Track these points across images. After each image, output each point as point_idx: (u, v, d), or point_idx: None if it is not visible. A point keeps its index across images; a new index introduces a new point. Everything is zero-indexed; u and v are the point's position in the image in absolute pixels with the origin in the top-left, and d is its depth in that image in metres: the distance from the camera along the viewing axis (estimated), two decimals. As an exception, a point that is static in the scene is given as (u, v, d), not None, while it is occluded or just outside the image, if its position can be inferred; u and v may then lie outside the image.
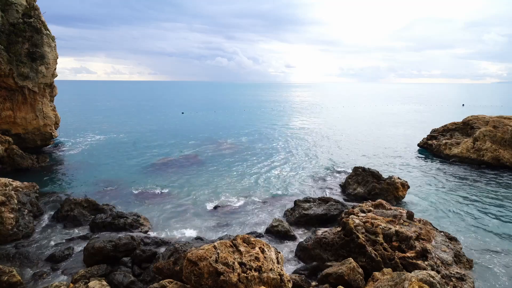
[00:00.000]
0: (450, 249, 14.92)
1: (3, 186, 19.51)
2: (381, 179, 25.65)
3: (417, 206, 23.21)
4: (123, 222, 19.40)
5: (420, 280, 10.89)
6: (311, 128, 60.80)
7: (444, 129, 42.47)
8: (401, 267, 13.40)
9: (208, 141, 46.78)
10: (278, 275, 11.42)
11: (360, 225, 15.30)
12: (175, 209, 22.71)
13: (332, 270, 13.13)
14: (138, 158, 36.64)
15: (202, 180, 28.96)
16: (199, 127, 61.85)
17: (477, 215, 21.78)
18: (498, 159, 32.87)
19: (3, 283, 13.00)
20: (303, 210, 21.00)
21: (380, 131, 57.72)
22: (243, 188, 26.98)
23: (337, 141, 47.64)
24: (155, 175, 30.39)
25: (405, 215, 16.86)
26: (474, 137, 35.34)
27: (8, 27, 32.42)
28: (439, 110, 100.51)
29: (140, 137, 49.80)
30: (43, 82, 35.43)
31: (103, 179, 28.97)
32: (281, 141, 47.57)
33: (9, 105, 34.01)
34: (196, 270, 10.88)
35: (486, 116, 39.79)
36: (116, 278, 13.73)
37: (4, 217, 17.62)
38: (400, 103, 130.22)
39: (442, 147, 38.42)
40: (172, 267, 12.97)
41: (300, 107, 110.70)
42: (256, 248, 11.96)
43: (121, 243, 16.02)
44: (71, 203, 21.20)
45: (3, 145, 30.35)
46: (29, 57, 33.73)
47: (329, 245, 15.30)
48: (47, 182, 27.76)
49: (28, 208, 19.93)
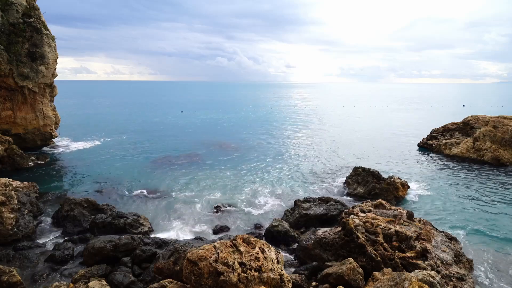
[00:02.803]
0: (450, 249, 14.92)
1: (3, 186, 19.50)
2: (381, 179, 25.66)
3: (417, 206, 23.21)
4: (123, 222, 19.39)
5: (420, 280, 10.89)
6: (311, 128, 60.81)
7: (444, 129, 42.48)
8: (401, 267, 13.39)
9: (208, 141, 46.79)
10: (278, 275, 11.42)
11: (360, 225, 15.29)
12: (175, 209, 22.72)
13: (332, 270, 13.12)
14: (138, 158, 36.65)
15: (202, 180, 28.95)
16: (199, 126, 61.86)
17: (477, 215, 21.78)
18: (498, 159, 32.87)
19: (3, 283, 13.00)
20: (303, 210, 21.00)
21: (380, 131, 57.71)
22: (243, 188, 26.98)
23: (337, 141, 47.65)
24: (155, 175, 30.39)
25: (405, 215, 16.86)
26: (474, 137, 35.34)
27: (8, 27, 32.43)
28: (439, 110, 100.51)
29: (140, 137, 49.81)
30: (43, 82, 35.43)
31: (103, 179, 28.97)
32: (281, 141, 47.58)
33: (9, 105, 34.02)
34: (196, 270, 10.87)
35: (486, 116, 39.78)
36: (116, 278, 13.73)
37: (4, 217, 17.62)
38: (400, 103, 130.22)
39: (442, 147, 38.43)
40: (172, 267, 12.96)
41: (300, 107, 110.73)
42: (256, 248, 11.95)
43: (121, 243, 16.02)
44: (71, 203, 21.20)
45: (3, 145, 30.36)
46: (29, 57, 33.74)
47: (329, 245, 15.29)
48: (47, 182, 27.76)
49: (28, 208, 19.92)
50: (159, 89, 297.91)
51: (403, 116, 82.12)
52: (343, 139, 49.25)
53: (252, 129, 59.64)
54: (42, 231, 19.43)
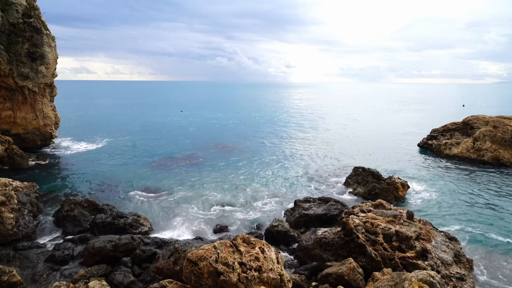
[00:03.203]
0: (450, 249, 14.91)
1: (3, 186, 19.50)
2: (381, 179, 25.66)
3: (417, 206, 23.20)
4: (123, 222, 19.39)
5: (420, 280, 10.89)
6: (311, 128, 60.80)
7: (444, 129, 42.46)
8: (401, 267, 13.39)
9: (208, 141, 46.79)
10: (278, 275, 11.42)
11: (360, 225, 15.29)
12: (175, 209, 22.71)
13: (332, 270, 13.12)
14: (138, 158, 36.65)
15: (202, 180, 28.95)
16: (199, 126, 61.86)
17: (477, 215, 21.78)
18: (498, 159, 32.87)
19: (3, 283, 13.00)
20: (303, 210, 21.00)
21: (380, 131, 57.73)
22: (243, 188, 26.97)
23: (337, 141, 47.65)
24: (155, 175, 30.39)
25: (405, 215, 16.85)
26: (474, 137, 35.34)
27: (8, 27, 32.43)
28: (439, 110, 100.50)
29: (141, 137, 49.80)
30: (43, 82, 35.43)
31: (103, 179, 28.97)
32: (280, 141, 47.57)
33: (9, 105, 34.02)
34: (196, 270, 10.87)
35: (486, 116, 39.76)
36: (116, 278, 13.73)
37: (4, 217, 17.62)
38: (400, 103, 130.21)
39: (442, 147, 38.42)
40: (172, 267, 12.96)
41: (300, 107, 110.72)
42: (256, 248, 11.95)
43: (121, 243, 16.02)
44: (71, 203, 21.19)
45: (3, 145, 30.36)
46: (29, 57, 33.73)
47: (329, 245, 15.28)
48: (47, 182, 27.75)
49: (28, 208, 19.91)
50: (159, 89, 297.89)
51: (403, 116, 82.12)
52: (343, 139, 49.25)
53: (252, 129, 59.64)
54: (42, 231, 19.44)
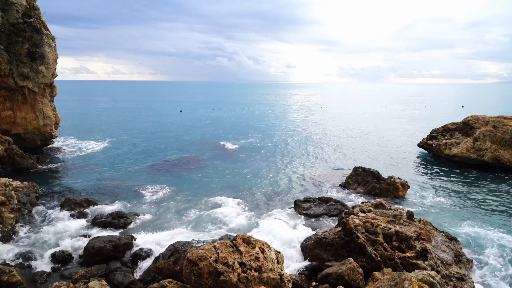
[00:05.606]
0: (450, 249, 14.91)
1: (3, 186, 19.51)
2: (381, 179, 25.66)
3: (417, 206, 23.19)
4: (123, 222, 19.41)
5: (420, 280, 10.89)
6: (311, 128, 60.78)
7: (444, 129, 42.40)
8: (401, 267, 13.39)
9: (208, 141, 46.79)
10: (278, 275, 11.42)
11: (360, 225, 15.29)
12: (175, 209, 22.70)
13: (332, 270, 13.12)
14: (138, 158, 36.65)
15: (202, 180, 28.95)
16: (199, 126, 61.83)
17: (477, 215, 21.77)
18: (498, 159, 32.85)
19: (3, 283, 13.00)
20: (303, 210, 21.00)
21: (380, 131, 57.70)
22: (243, 188, 26.96)
23: (337, 141, 47.64)
24: (155, 174, 30.39)
25: (405, 215, 16.86)
26: (474, 137, 35.32)
27: (8, 27, 32.40)
28: (439, 110, 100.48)
29: (140, 136, 49.79)
30: (43, 82, 35.41)
31: (103, 179, 28.95)
32: (281, 141, 47.56)
33: (9, 105, 34.00)
34: (196, 270, 10.88)
35: (486, 116, 39.71)
36: (116, 278, 13.74)
37: (4, 217, 17.62)
38: (400, 103, 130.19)
39: (442, 147, 38.39)
40: (172, 267, 12.97)
41: (300, 107, 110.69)
42: (256, 248, 11.96)
43: (121, 243, 16.04)
44: (71, 203, 21.20)
45: (3, 145, 30.36)
46: (29, 57, 33.70)
47: (329, 245, 15.29)
48: (47, 182, 27.74)
49: (28, 208, 19.93)
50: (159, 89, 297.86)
51: (403, 116, 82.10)
52: (343, 139, 49.24)
53: (252, 128, 59.63)
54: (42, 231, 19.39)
